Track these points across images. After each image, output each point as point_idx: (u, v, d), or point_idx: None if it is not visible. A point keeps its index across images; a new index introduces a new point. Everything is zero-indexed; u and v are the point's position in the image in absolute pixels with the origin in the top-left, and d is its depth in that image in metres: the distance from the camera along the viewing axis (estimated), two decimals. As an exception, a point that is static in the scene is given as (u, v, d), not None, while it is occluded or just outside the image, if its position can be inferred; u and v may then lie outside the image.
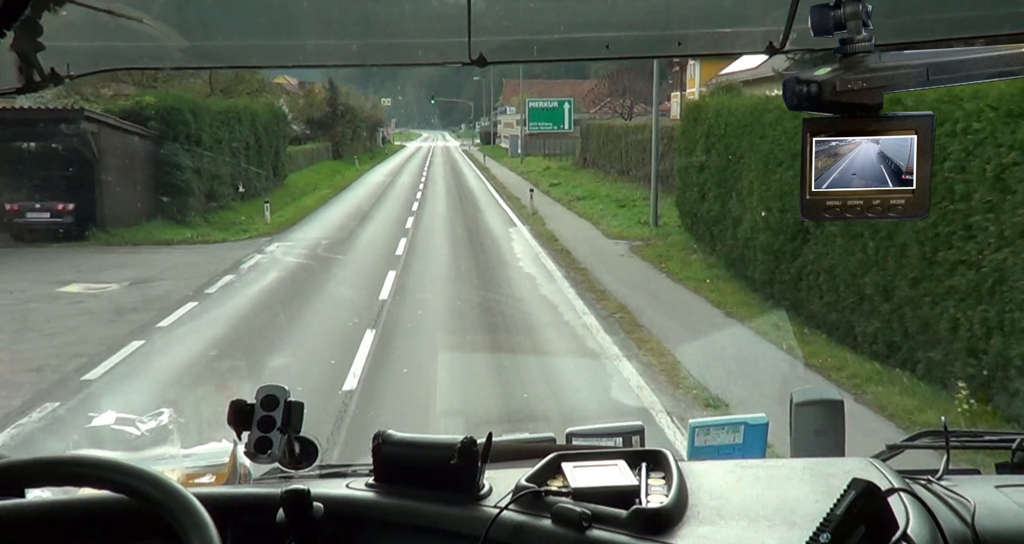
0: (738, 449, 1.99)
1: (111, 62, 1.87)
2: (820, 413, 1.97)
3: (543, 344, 10.48)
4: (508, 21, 1.81)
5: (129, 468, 1.38)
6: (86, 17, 1.61)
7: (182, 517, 1.30)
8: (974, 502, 1.54)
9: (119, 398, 8.20)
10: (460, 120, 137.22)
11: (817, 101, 1.29)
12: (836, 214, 1.34)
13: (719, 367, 9.27)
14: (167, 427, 2.11)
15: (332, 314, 12.06)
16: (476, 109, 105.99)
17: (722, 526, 1.46)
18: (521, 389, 8.46)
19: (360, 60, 1.90)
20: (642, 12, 1.78)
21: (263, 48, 1.88)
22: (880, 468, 1.64)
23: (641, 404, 7.99)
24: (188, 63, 1.96)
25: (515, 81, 65.75)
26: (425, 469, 1.59)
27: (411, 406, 7.97)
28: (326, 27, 1.80)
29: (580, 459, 1.65)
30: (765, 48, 1.79)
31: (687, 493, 1.54)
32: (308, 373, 9.01)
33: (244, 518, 1.56)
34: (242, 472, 2.01)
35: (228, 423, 1.70)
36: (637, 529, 1.43)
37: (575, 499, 1.50)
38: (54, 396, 8.26)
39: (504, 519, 1.49)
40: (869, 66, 1.29)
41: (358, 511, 1.59)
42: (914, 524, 1.40)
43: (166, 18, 1.72)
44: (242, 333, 11.05)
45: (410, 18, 1.80)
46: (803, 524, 1.41)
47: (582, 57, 1.88)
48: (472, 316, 11.98)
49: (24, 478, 1.45)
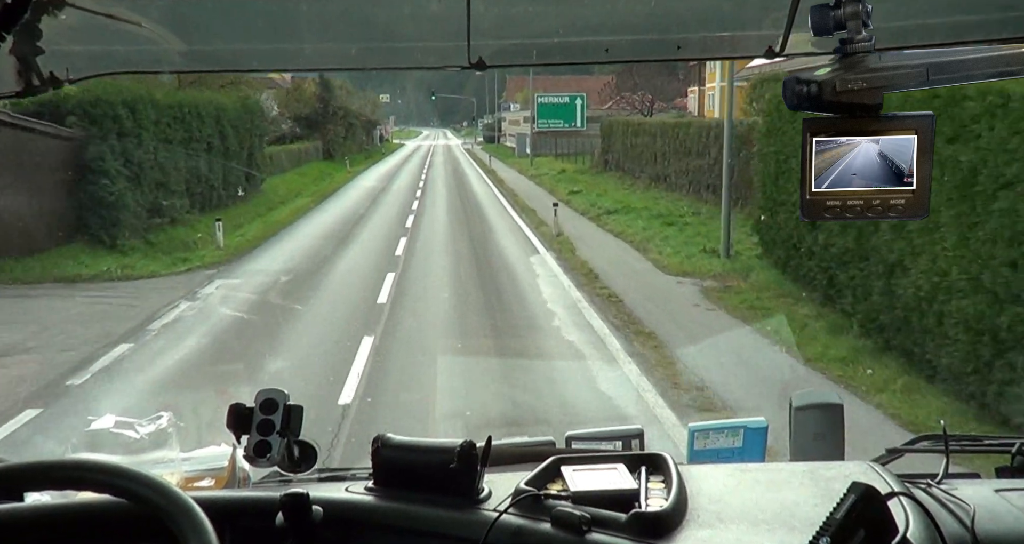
0: (738, 453, 1.99)
1: (110, 66, 1.87)
2: (820, 417, 1.97)
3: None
4: (507, 25, 1.81)
5: (128, 472, 1.37)
6: (85, 21, 1.61)
7: (181, 521, 1.30)
8: (974, 506, 1.54)
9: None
10: (462, 117, 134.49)
11: (817, 101, 1.29)
12: (836, 214, 1.34)
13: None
14: (166, 431, 2.10)
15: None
16: (479, 106, 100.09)
17: (722, 530, 1.46)
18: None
19: (359, 63, 1.90)
20: (641, 16, 1.79)
21: (262, 51, 1.89)
22: (880, 472, 1.64)
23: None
24: (187, 67, 1.96)
25: (520, 77, 62.82)
26: (424, 473, 1.59)
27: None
28: (325, 30, 1.81)
29: (580, 463, 1.65)
30: (764, 52, 1.80)
31: (687, 497, 1.54)
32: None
33: (243, 522, 1.56)
34: (241, 476, 2.00)
35: (227, 427, 1.70)
36: (637, 533, 1.43)
37: (575, 503, 1.50)
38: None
39: (503, 523, 1.49)
40: (869, 66, 1.29)
41: (357, 515, 1.58)
42: (914, 528, 1.39)
43: (165, 22, 1.72)
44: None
45: (409, 21, 1.80)
46: (803, 528, 1.41)
47: (581, 61, 1.89)
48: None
49: (23, 482, 1.45)
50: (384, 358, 8.99)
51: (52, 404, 7.76)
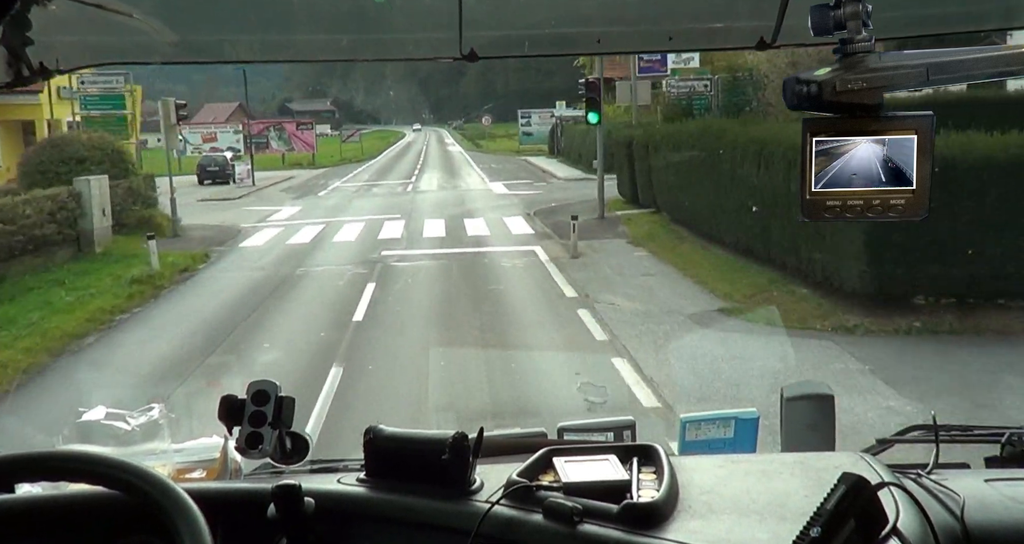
0: (729, 444, 1.99)
1: (100, 56, 1.87)
2: (811, 408, 1.98)
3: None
4: (499, 16, 1.80)
5: (119, 463, 1.37)
6: (76, 11, 1.60)
7: (172, 512, 1.30)
8: (963, 496, 1.55)
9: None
10: (455, 111, 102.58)
11: (817, 101, 1.29)
12: (836, 214, 1.34)
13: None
14: (158, 422, 2.11)
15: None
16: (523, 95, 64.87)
17: (713, 520, 1.46)
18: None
19: (350, 55, 1.90)
20: (633, 7, 1.79)
21: (253, 43, 1.88)
22: (870, 462, 1.64)
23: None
24: (178, 57, 1.95)
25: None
26: (416, 464, 1.59)
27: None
28: (316, 21, 1.80)
29: (571, 454, 1.65)
30: (756, 44, 1.80)
31: (678, 487, 1.55)
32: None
33: (235, 513, 1.56)
34: (233, 467, 2.01)
35: (219, 418, 1.70)
36: (628, 523, 1.44)
37: (566, 494, 1.50)
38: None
39: (495, 514, 1.49)
40: (869, 66, 1.29)
41: (349, 506, 1.59)
42: (904, 518, 1.40)
43: (156, 12, 1.71)
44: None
45: (401, 13, 1.80)
46: (793, 518, 1.42)
47: (573, 52, 1.90)
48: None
49: (13, 473, 1.45)
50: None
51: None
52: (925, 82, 1.30)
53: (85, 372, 9.68)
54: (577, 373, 8.64)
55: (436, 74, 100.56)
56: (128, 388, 8.36)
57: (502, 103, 75.37)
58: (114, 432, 2.08)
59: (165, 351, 10.27)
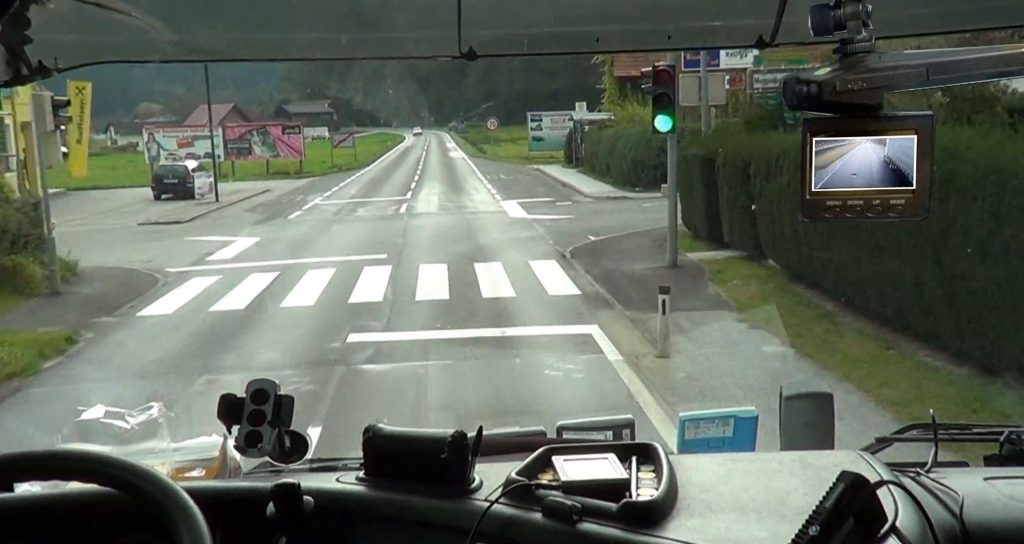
0: (728, 442, 1.99)
1: (99, 55, 1.87)
2: (810, 406, 1.98)
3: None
4: (498, 14, 1.81)
5: (118, 462, 1.37)
6: (74, 10, 1.60)
7: (172, 511, 1.30)
8: (962, 494, 1.55)
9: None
10: (456, 113, 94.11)
11: (817, 101, 1.29)
12: (836, 214, 1.35)
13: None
14: (157, 421, 2.10)
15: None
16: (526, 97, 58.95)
17: (712, 519, 1.46)
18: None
19: (349, 53, 1.90)
20: (632, 5, 1.79)
21: (252, 41, 1.88)
22: (869, 461, 1.64)
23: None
24: (177, 56, 1.95)
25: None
26: (415, 463, 1.59)
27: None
28: (315, 20, 1.80)
29: (570, 452, 1.65)
30: (755, 42, 1.80)
31: (677, 486, 1.55)
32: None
33: (234, 512, 1.56)
34: (232, 466, 2.01)
35: (218, 417, 1.70)
36: (627, 522, 1.44)
37: (565, 492, 1.50)
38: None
39: (494, 512, 1.49)
40: (869, 66, 1.29)
41: (348, 505, 1.59)
42: (903, 516, 1.40)
43: (155, 11, 1.71)
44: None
45: (400, 11, 1.80)
46: (792, 517, 1.42)
47: (572, 51, 1.89)
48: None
49: (12, 472, 1.45)
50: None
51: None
52: (925, 82, 1.30)
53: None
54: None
55: (437, 74, 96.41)
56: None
57: (505, 105, 69.72)
58: (113, 431, 2.08)
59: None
